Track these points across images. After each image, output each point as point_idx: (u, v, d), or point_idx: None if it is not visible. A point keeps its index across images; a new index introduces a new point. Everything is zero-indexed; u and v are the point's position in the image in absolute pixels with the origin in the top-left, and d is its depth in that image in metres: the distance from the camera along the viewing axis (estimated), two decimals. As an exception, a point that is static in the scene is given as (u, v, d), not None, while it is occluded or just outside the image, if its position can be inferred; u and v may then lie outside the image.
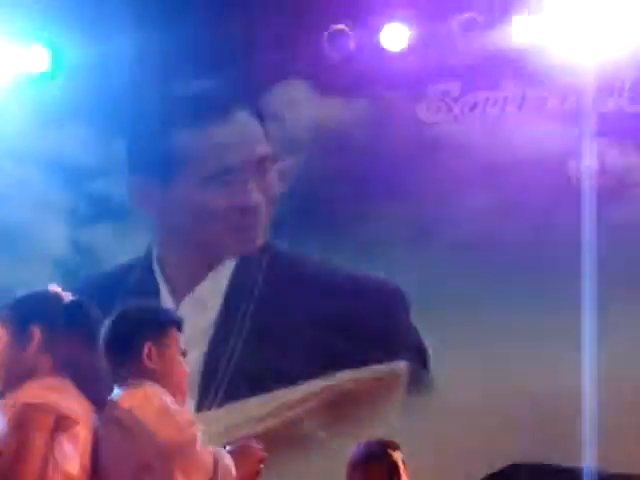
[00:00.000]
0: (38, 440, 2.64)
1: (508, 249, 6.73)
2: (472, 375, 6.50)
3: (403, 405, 6.78)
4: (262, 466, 2.94)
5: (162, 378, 2.92)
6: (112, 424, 2.76)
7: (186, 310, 6.88)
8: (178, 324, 3.08)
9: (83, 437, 2.73)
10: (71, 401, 2.73)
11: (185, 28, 6.98)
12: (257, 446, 2.96)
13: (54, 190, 7.35)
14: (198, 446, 2.71)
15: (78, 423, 2.71)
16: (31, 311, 2.89)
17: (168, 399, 2.83)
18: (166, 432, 2.70)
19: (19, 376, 2.82)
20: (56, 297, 2.93)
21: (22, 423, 2.65)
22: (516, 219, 6.72)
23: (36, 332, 2.84)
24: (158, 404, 2.77)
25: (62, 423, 2.69)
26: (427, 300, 6.76)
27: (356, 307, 6.90)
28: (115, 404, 2.81)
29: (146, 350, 2.93)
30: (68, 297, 2.95)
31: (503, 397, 6.45)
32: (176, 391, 2.94)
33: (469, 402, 6.45)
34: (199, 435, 2.75)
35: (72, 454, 2.69)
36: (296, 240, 7.13)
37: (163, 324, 3.02)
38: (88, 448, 2.74)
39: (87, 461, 2.75)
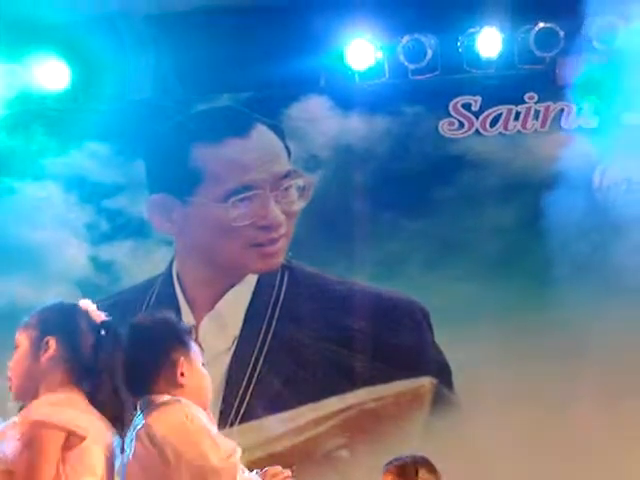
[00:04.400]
0: (48, 458, 2.61)
1: (533, 265, 6.68)
2: (499, 395, 6.42)
3: (426, 423, 6.71)
4: None
5: (191, 393, 2.84)
6: (148, 441, 2.69)
7: (207, 327, 6.85)
8: (193, 335, 2.99)
9: (93, 454, 2.68)
10: (79, 416, 2.69)
11: (204, 45, 6.98)
12: (285, 472, 2.89)
13: (74, 208, 7.34)
14: (239, 476, 2.67)
15: (85, 438, 2.66)
16: (52, 322, 2.85)
17: (205, 419, 2.76)
18: (207, 458, 2.64)
19: (31, 386, 2.79)
20: (82, 313, 2.87)
21: (32, 442, 2.62)
22: (539, 235, 6.66)
23: (52, 343, 2.80)
24: (198, 428, 2.69)
25: (70, 440, 2.65)
26: (450, 318, 6.70)
27: (378, 324, 6.86)
28: (151, 421, 2.74)
29: (181, 365, 2.85)
30: (99, 316, 2.88)
31: (528, 417, 6.37)
32: (203, 405, 2.86)
33: (493, 421, 6.38)
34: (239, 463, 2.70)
35: (82, 471, 2.65)
36: (317, 257, 7.09)
37: (186, 336, 2.93)
38: (101, 464, 2.69)
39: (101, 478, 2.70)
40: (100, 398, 2.79)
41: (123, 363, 2.84)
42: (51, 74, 7.05)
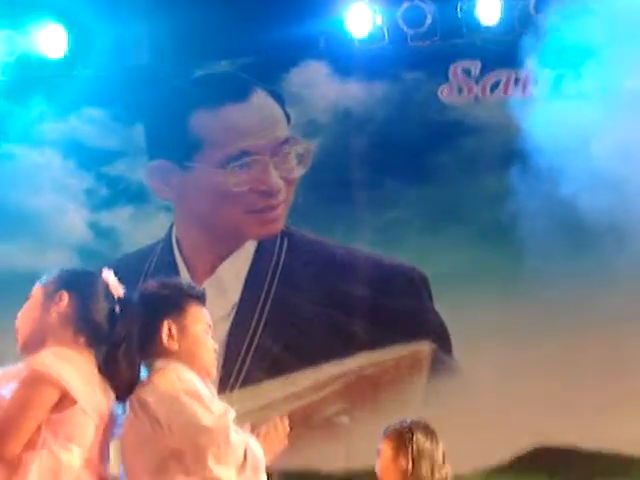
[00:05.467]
0: (34, 414, 2.59)
1: (532, 234, 6.68)
2: (496, 359, 6.46)
3: (425, 388, 6.75)
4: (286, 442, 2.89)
5: (186, 358, 2.82)
6: (139, 408, 2.70)
7: (206, 293, 6.85)
8: (200, 299, 2.94)
9: (79, 421, 2.66)
10: (78, 379, 2.67)
11: (202, 10, 6.93)
12: (283, 424, 2.89)
13: (73, 174, 7.34)
14: (232, 435, 2.65)
15: (75, 403, 2.63)
16: (70, 280, 2.84)
17: (199, 384, 2.76)
18: (199, 419, 2.63)
19: (38, 338, 2.76)
20: (102, 282, 2.84)
21: (27, 386, 2.60)
22: (541, 201, 6.66)
23: (65, 297, 2.78)
24: (190, 390, 2.69)
25: (61, 401, 2.63)
26: (449, 284, 6.71)
27: (378, 290, 6.87)
28: (142, 388, 2.74)
29: (166, 329, 2.83)
30: (117, 291, 2.85)
31: (526, 381, 6.40)
32: (201, 371, 2.85)
33: (493, 386, 6.42)
34: (232, 423, 2.68)
35: (63, 437, 2.63)
36: (316, 223, 7.10)
37: (183, 301, 2.89)
38: (87, 434, 2.66)
39: (94, 451, 2.68)
40: (107, 368, 2.77)
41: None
42: (49, 40, 7.02)
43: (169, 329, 2.84)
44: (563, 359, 6.42)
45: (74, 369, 2.68)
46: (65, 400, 2.64)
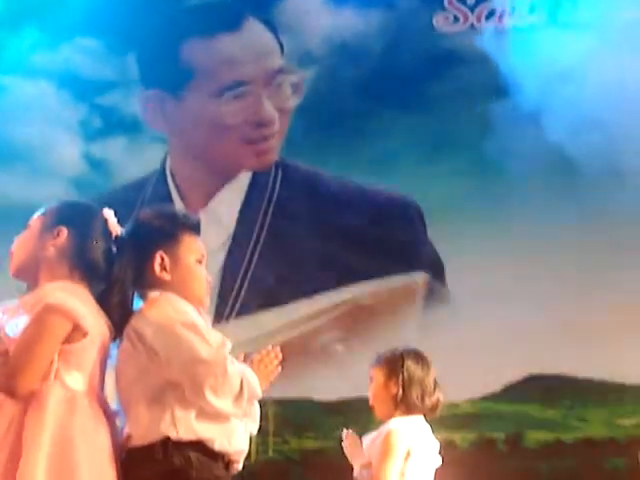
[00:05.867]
0: (50, 344, 2.62)
1: (528, 160, 6.67)
2: (489, 289, 6.49)
3: (420, 318, 6.79)
4: (280, 368, 2.86)
5: (179, 288, 2.81)
6: (136, 340, 2.71)
7: (201, 224, 6.85)
8: (194, 229, 2.91)
9: (89, 353, 2.69)
10: (86, 312, 2.69)
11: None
12: (275, 352, 2.86)
13: (67, 105, 7.29)
14: (229, 367, 2.65)
15: (87, 335, 2.67)
16: (69, 215, 2.84)
17: (194, 314, 2.76)
18: (196, 351, 2.64)
19: (32, 267, 2.78)
20: (101, 219, 2.85)
21: (40, 323, 2.62)
22: (535, 129, 6.64)
23: (63, 233, 2.80)
24: (186, 321, 2.69)
25: (73, 334, 2.66)
26: (444, 214, 6.72)
27: (372, 221, 6.88)
28: (138, 319, 2.74)
29: (158, 260, 2.81)
30: (115, 230, 2.86)
31: (519, 310, 6.44)
32: (194, 301, 2.84)
33: (486, 315, 6.46)
34: (228, 354, 2.69)
35: (75, 367, 2.67)
36: (310, 154, 7.07)
37: (176, 231, 2.86)
38: (94, 365, 2.70)
39: (96, 380, 2.72)
40: (101, 305, 2.78)
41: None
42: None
43: (162, 260, 2.83)
44: (557, 289, 6.46)
45: (81, 302, 2.71)
46: (76, 332, 2.67)
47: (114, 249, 2.85)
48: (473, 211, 6.63)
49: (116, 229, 2.87)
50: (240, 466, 2.81)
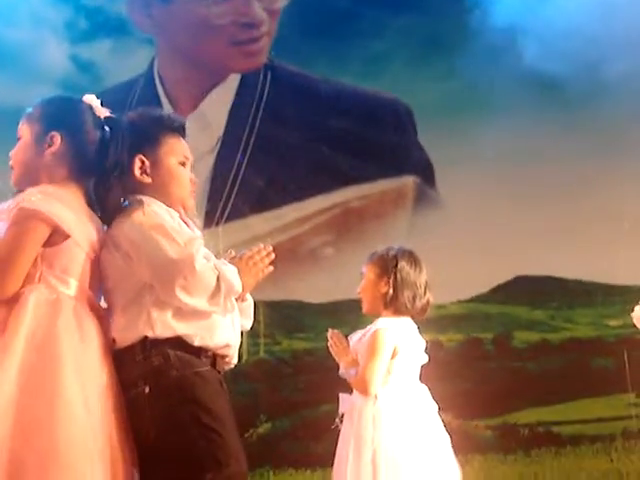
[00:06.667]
0: (28, 249, 2.62)
1: (520, 61, 6.62)
2: (478, 192, 6.50)
3: (409, 221, 6.81)
4: (271, 268, 2.81)
5: (160, 191, 2.80)
6: (112, 246, 2.71)
7: (190, 128, 6.78)
8: (177, 130, 2.86)
9: (74, 254, 2.69)
10: (68, 214, 2.67)
11: None
12: (266, 250, 2.81)
13: (52, 6, 7.18)
14: (198, 263, 2.63)
15: (68, 237, 2.66)
16: (57, 117, 2.79)
17: (167, 216, 2.73)
18: (164, 251, 2.63)
19: (32, 177, 2.75)
20: (86, 108, 2.80)
21: (16, 229, 2.61)
22: (528, 32, 6.58)
23: (56, 139, 2.75)
24: (154, 223, 2.67)
25: (53, 236, 2.64)
26: (434, 116, 6.69)
27: (362, 123, 6.85)
28: (114, 225, 2.73)
29: (138, 163, 2.78)
30: (103, 112, 2.80)
31: (508, 212, 6.47)
32: (176, 203, 2.82)
33: (474, 218, 6.48)
34: (200, 251, 2.67)
35: (59, 269, 2.66)
36: (300, 56, 7.00)
37: (157, 133, 2.83)
38: (81, 266, 2.69)
39: (86, 282, 2.71)
40: (104, 196, 2.78)
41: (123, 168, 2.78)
42: None
43: (142, 163, 2.81)
44: (544, 191, 6.48)
45: (62, 204, 2.69)
46: (57, 234, 2.66)
47: (107, 130, 2.80)
48: (463, 112, 6.61)
49: (103, 112, 2.83)
50: (234, 360, 2.81)
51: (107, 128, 2.81)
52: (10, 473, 2.40)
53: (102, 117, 2.82)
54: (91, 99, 2.83)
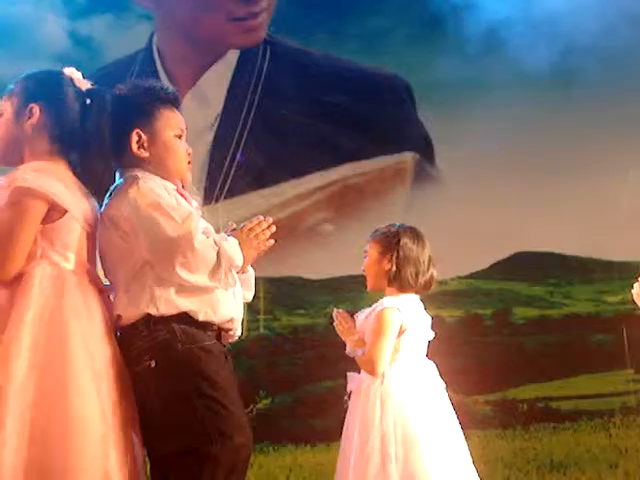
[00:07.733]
0: (27, 227, 2.62)
1: (518, 43, 6.61)
2: (478, 168, 6.50)
3: (409, 197, 6.81)
4: (272, 241, 2.81)
5: (157, 164, 2.80)
6: (109, 224, 2.71)
7: (189, 104, 6.81)
8: (172, 102, 2.85)
9: (72, 229, 2.70)
10: (63, 189, 2.67)
11: None
12: (267, 222, 2.80)
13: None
14: (197, 240, 2.64)
15: (66, 212, 2.66)
16: (36, 89, 2.79)
17: (163, 192, 2.72)
18: (162, 229, 2.63)
19: (15, 151, 2.75)
20: (67, 81, 2.80)
21: (14, 207, 2.61)
22: (525, 10, 6.57)
23: (36, 110, 2.75)
24: (151, 201, 2.67)
25: (51, 213, 2.65)
26: (433, 93, 6.68)
27: (361, 100, 6.83)
28: (109, 202, 2.73)
29: (135, 137, 2.78)
30: (84, 84, 2.80)
31: (508, 188, 6.47)
32: (173, 177, 2.82)
33: (474, 195, 6.49)
34: (198, 227, 2.67)
35: (59, 245, 2.67)
36: (299, 32, 6.98)
37: (153, 106, 2.82)
38: (79, 241, 2.70)
39: (84, 255, 2.72)
40: (88, 168, 2.78)
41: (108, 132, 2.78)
42: None
43: (139, 137, 2.80)
44: (543, 167, 6.47)
45: (55, 179, 2.69)
46: (54, 211, 2.67)
47: (87, 102, 2.80)
48: (462, 90, 6.60)
49: (85, 84, 2.83)
50: (238, 333, 2.82)
51: (88, 100, 2.80)
52: (35, 439, 2.48)
53: (83, 89, 2.81)
54: (72, 71, 2.84)
